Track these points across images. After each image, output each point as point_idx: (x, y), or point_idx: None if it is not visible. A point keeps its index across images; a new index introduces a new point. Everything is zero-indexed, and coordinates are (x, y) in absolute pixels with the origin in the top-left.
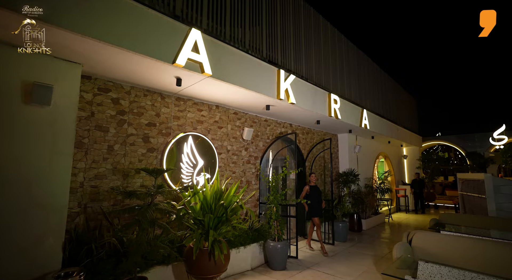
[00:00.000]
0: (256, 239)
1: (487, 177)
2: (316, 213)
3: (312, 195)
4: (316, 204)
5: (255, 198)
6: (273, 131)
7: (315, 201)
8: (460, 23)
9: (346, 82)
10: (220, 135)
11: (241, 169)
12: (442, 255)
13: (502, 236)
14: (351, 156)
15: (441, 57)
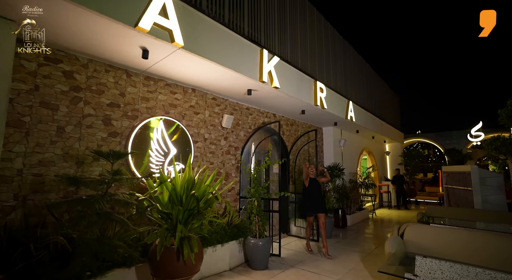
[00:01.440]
0: (235, 236)
1: (473, 169)
2: (319, 209)
3: (313, 189)
4: (319, 199)
5: (235, 192)
6: (256, 121)
7: (317, 195)
8: (441, 25)
9: (332, 72)
10: (197, 121)
11: (219, 160)
12: (437, 248)
13: (495, 229)
14: (335, 150)
15: (422, 58)
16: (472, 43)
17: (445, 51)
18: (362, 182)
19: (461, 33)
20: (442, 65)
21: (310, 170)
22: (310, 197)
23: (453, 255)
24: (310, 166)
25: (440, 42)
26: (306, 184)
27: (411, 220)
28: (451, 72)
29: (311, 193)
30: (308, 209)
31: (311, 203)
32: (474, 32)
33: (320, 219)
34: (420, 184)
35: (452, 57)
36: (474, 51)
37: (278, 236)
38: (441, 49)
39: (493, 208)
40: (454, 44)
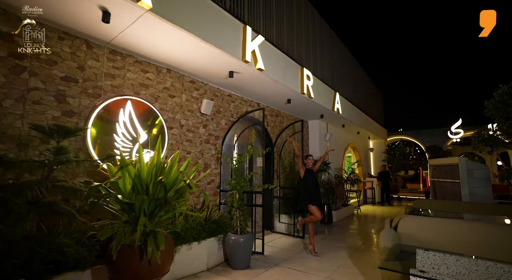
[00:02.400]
0: (214, 232)
1: (461, 161)
2: (315, 201)
3: (309, 180)
4: (316, 191)
5: (215, 185)
6: (238, 109)
7: (315, 187)
8: (422, 23)
9: (319, 61)
10: (172, 105)
11: (198, 149)
12: (434, 241)
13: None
14: (321, 144)
15: (405, 55)
16: (453, 41)
17: (428, 48)
18: (348, 178)
19: (441, 30)
20: (424, 63)
21: (309, 161)
22: (307, 188)
23: (453, 248)
24: (309, 157)
25: (422, 39)
26: (302, 174)
27: (397, 215)
28: (433, 71)
29: (307, 183)
30: (305, 200)
31: (308, 193)
32: (454, 28)
33: (315, 212)
34: (402, 181)
35: (434, 55)
36: (455, 50)
37: (261, 232)
38: (425, 46)
39: (480, 200)
40: (436, 42)
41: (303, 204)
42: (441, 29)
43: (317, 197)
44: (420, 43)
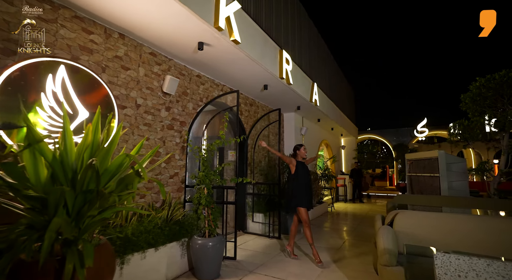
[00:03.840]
0: (176, 235)
1: (441, 154)
2: (305, 202)
3: (301, 174)
4: (306, 189)
5: (179, 180)
6: (209, 93)
7: (305, 184)
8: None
9: (297, 47)
10: (126, 79)
11: (158, 135)
12: (435, 237)
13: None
14: (297, 138)
15: (374, 53)
16: (418, 50)
17: (395, 50)
18: (322, 174)
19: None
20: (392, 62)
21: (305, 151)
22: (300, 185)
23: (458, 245)
24: (302, 147)
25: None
26: (293, 169)
27: (370, 212)
28: (401, 72)
29: (300, 179)
30: (298, 200)
31: (304, 192)
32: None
33: (302, 215)
34: (370, 179)
35: (400, 55)
36: (420, 56)
37: (233, 234)
38: (391, 48)
39: (457, 194)
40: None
41: (294, 204)
42: (408, 34)
43: (309, 197)
44: (387, 44)
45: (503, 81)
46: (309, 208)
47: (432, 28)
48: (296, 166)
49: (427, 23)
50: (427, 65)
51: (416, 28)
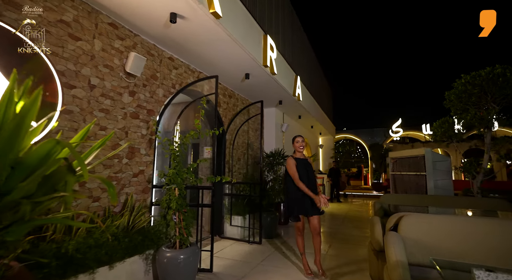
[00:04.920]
0: (138, 247)
1: (428, 152)
2: (311, 209)
3: (303, 174)
4: (314, 191)
5: (144, 179)
6: (182, 79)
7: (311, 185)
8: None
9: (281, 36)
10: (75, 53)
11: (119, 125)
12: (456, 248)
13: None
14: (277, 135)
15: (349, 54)
16: (394, 53)
17: (372, 51)
18: None
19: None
20: (365, 65)
21: (299, 144)
22: (299, 189)
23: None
24: (297, 138)
25: (365, 42)
26: (291, 168)
27: (350, 212)
28: (377, 72)
29: (301, 181)
30: (296, 207)
31: (295, 199)
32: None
33: (313, 223)
34: (346, 178)
35: (373, 58)
36: (395, 57)
37: (208, 239)
38: (368, 47)
39: (443, 193)
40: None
41: (301, 212)
42: (382, 36)
43: (313, 203)
44: (362, 45)
45: (489, 78)
46: (320, 214)
47: (405, 32)
48: (297, 163)
49: (402, 27)
50: (401, 67)
51: (389, 32)
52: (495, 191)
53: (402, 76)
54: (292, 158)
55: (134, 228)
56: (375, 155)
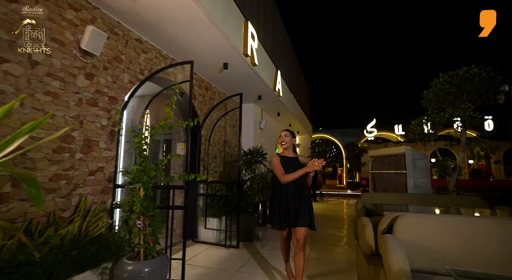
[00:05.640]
0: (91, 260)
1: (408, 150)
2: (298, 219)
3: (287, 171)
4: (296, 196)
5: (104, 177)
6: (152, 65)
7: (300, 189)
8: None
9: (261, 26)
10: (8, 16)
11: (73, 112)
12: (459, 252)
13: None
14: (256, 132)
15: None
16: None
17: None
18: None
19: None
20: (343, 63)
21: (281, 139)
22: (285, 192)
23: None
24: (282, 133)
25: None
26: (274, 165)
27: (327, 212)
28: (352, 72)
29: (287, 184)
30: (281, 216)
31: (287, 203)
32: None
33: (298, 235)
34: (321, 177)
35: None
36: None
37: (180, 246)
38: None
39: (422, 191)
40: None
41: (279, 221)
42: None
43: (301, 210)
44: (339, 46)
45: (465, 77)
46: (307, 226)
47: (380, 34)
48: (282, 160)
49: (377, 29)
50: (375, 67)
51: (364, 33)
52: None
53: (376, 77)
54: (277, 156)
55: (87, 236)
56: (350, 154)
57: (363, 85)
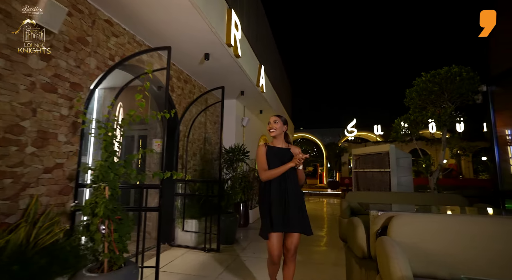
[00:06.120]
0: (38, 276)
1: (392, 148)
2: (289, 222)
3: (272, 168)
4: (284, 195)
5: (64, 175)
6: (124, 50)
7: (291, 188)
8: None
9: (245, 19)
10: None
11: (22, 98)
12: (461, 255)
13: None
14: (238, 130)
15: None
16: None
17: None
18: None
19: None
20: (325, 63)
21: (271, 126)
22: (271, 191)
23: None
24: (271, 119)
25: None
26: (258, 158)
27: (308, 210)
28: (333, 72)
29: (272, 182)
30: (271, 219)
31: (277, 205)
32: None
33: (290, 242)
34: None
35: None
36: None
37: (154, 250)
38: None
39: (405, 190)
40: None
41: (276, 227)
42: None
43: (293, 213)
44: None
45: (447, 76)
46: (302, 231)
47: (361, 36)
48: (267, 152)
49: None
50: (355, 67)
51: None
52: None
53: (357, 78)
54: (264, 146)
55: (37, 245)
56: (330, 154)
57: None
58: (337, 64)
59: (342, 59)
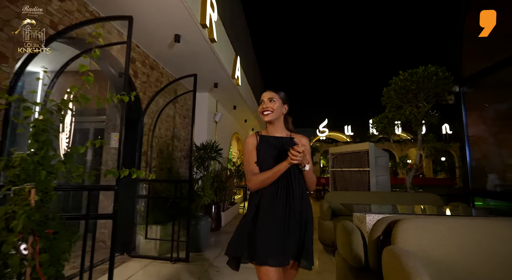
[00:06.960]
0: None
1: (371, 147)
2: (286, 248)
3: (264, 165)
4: (285, 206)
5: None
6: (72, 20)
7: (294, 193)
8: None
9: (221, 2)
10: None
11: None
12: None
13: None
14: (210, 125)
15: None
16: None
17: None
18: (236, 170)
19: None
20: (296, 62)
21: (265, 106)
22: (270, 204)
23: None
24: (264, 96)
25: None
26: (246, 152)
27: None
28: (305, 72)
29: (274, 190)
30: (262, 242)
31: (277, 225)
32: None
33: (289, 275)
34: None
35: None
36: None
37: (106, 264)
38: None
39: (382, 189)
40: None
41: (270, 258)
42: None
43: (294, 234)
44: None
45: (424, 75)
46: (300, 258)
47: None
48: (259, 143)
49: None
50: (325, 68)
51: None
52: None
53: (328, 78)
54: (255, 136)
55: None
56: None
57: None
58: (310, 64)
59: (314, 59)
